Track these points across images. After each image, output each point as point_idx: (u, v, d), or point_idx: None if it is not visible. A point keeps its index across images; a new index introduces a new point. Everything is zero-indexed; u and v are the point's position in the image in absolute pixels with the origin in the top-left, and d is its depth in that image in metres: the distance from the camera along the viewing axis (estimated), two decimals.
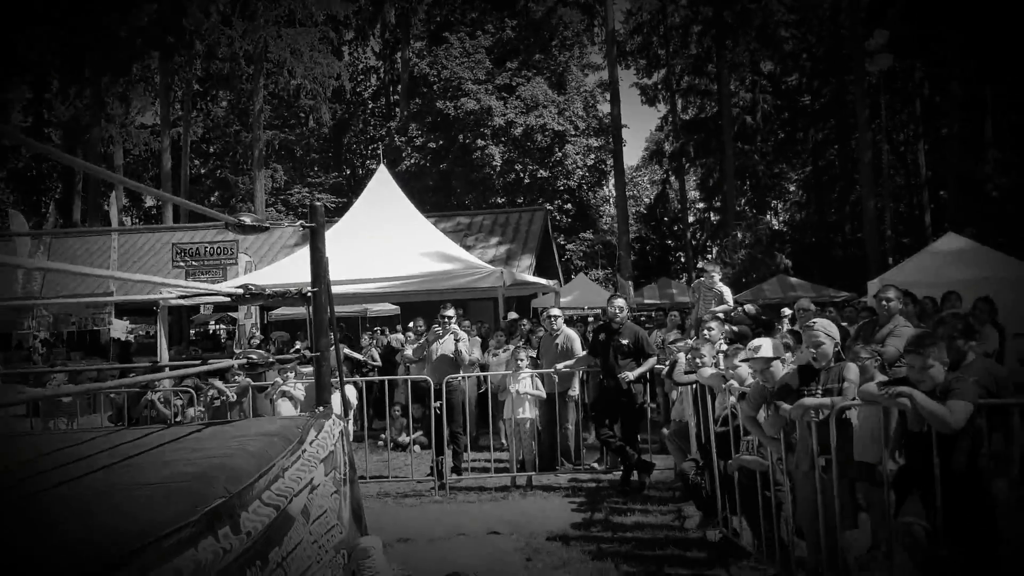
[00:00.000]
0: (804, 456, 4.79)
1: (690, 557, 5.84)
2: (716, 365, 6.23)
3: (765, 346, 5.22)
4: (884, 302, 6.59)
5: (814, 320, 4.90)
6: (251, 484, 4.22)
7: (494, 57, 33.49)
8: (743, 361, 5.43)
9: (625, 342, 8.09)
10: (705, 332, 6.82)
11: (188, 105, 38.97)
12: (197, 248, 24.11)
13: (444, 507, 7.77)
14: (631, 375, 7.90)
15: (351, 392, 8.70)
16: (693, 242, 43.82)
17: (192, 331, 28.60)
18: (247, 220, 5.57)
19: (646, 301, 26.91)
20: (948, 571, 4.17)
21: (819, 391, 4.72)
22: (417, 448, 10.45)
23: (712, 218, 44.00)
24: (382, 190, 15.36)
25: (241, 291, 5.84)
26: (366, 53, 44.46)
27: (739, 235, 33.43)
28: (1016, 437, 4.27)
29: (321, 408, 6.32)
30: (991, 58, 29.82)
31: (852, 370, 4.60)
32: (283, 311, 21.15)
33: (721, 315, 8.28)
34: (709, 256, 39.77)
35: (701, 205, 45.47)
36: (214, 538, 3.54)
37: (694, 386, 6.47)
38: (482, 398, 10.58)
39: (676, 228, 44.96)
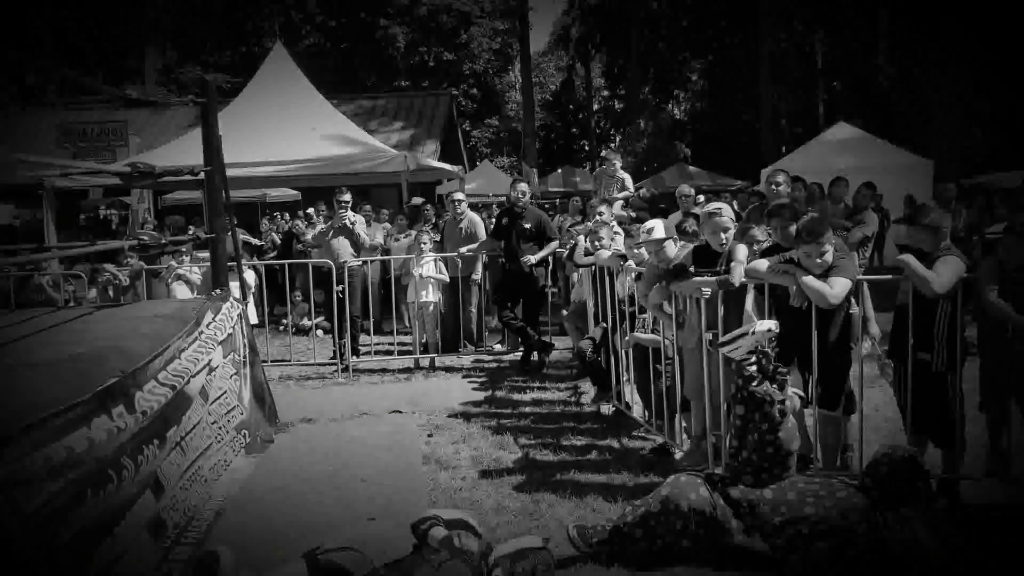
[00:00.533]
0: (691, 333, 5.00)
1: (585, 428, 6.10)
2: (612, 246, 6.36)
3: (657, 228, 5.36)
4: (773, 186, 6.80)
5: (717, 206, 5.01)
6: (145, 365, 4.18)
7: None
8: (638, 245, 5.55)
9: (528, 226, 8.15)
10: (596, 216, 6.93)
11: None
12: (84, 128, 22.70)
13: (347, 389, 7.84)
14: (533, 258, 8.00)
15: (249, 276, 8.57)
16: (597, 130, 43.87)
17: (82, 216, 27.30)
18: (134, 94, 5.30)
19: (550, 189, 27.02)
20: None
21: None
22: (319, 333, 10.44)
23: (616, 106, 43.97)
24: (279, 70, 14.71)
25: (129, 169, 5.63)
26: None
27: (642, 124, 33.66)
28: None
29: (218, 291, 6.24)
30: None
31: (741, 250, 4.76)
32: (178, 195, 20.39)
33: (621, 200, 8.41)
34: (612, 145, 39.93)
35: (606, 93, 45.32)
36: (108, 417, 3.52)
37: (593, 268, 6.61)
38: (386, 283, 10.58)
39: (581, 116, 44.83)
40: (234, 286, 6.59)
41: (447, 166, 15.65)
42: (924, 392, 4.38)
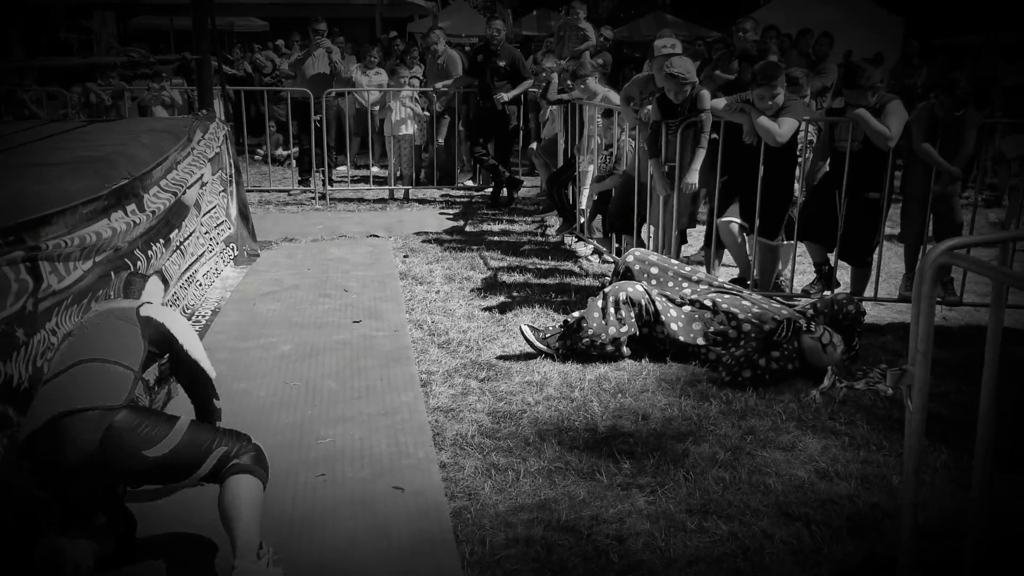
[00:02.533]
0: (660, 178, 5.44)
1: (548, 253, 6.62)
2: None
3: (677, 43, 5.60)
4: (741, 33, 7.07)
5: (674, 66, 5.25)
6: (150, 170, 4.55)
7: None
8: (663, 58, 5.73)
9: (502, 64, 8.34)
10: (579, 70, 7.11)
11: None
12: None
13: (325, 214, 8.24)
14: (506, 96, 8.26)
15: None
16: None
17: (42, 38, 26.36)
18: None
19: (524, 31, 26.59)
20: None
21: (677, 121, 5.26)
22: (295, 163, 10.68)
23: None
24: None
25: (127, 56, 5.75)
26: None
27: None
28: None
29: (204, 111, 6.50)
30: None
31: (704, 98, 5.13)
32: (141, 20, 19.90)
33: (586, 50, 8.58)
34: None
35: None
36: (123, 212, 3.93)
37: (565, 105, 6.93)
38: (360, 116, 10.77)
39: None
40: (217, 106, 6.84)
41: (420, 1, 15.50)
42: (858, 224, 4.89)
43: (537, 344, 4.34)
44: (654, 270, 4.52)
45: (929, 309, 1.76)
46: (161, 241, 4.47)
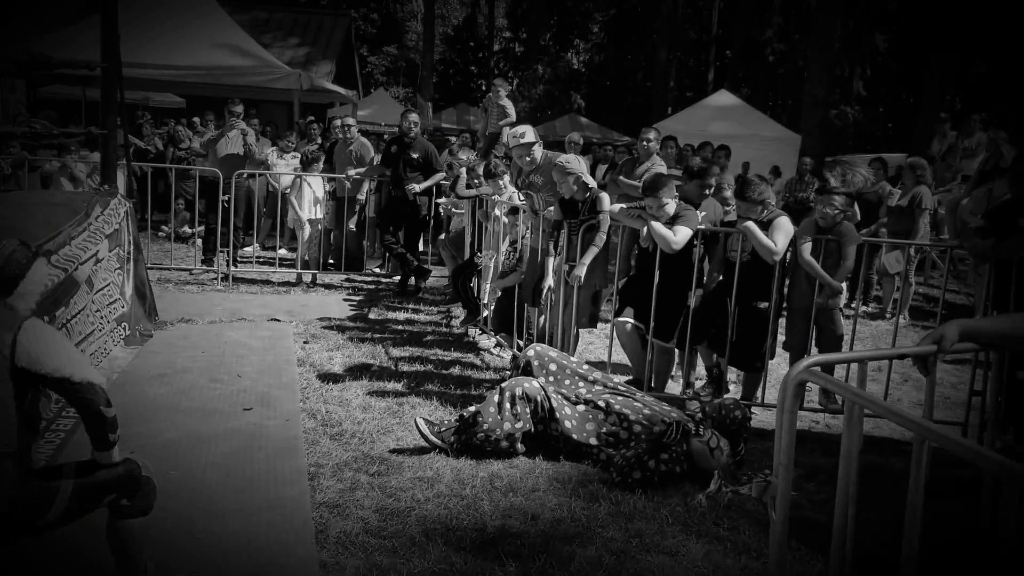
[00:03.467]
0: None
1: (451, 345, 6.62)
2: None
3: (528, 133, 5.82)
4: (644, 142, 7.40)
5: (563, 160, 5.46)
6: (40, 245, 4.41)
7: None
8: (513, 148, 5.96)
9: (415, 156, 8.46)
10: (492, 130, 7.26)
11: None
12: None
13: (226, 296, 8.08)
14: (417, 187, 8.37)
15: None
16: (496, 71, 43.88)
17: None
18: None
19: (443, 124, 27.13)
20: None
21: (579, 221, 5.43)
22: (199, 242, 10.51)
23: (517, 49, 44.07)
24: None
25: (27, 57, 5.68)
26: None
27: (540, 69, 34.03)
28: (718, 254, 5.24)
29: (106, 186, 6.39)
30: None
31: (604, 200, 5.32)
32: (54, 89, 19.50)
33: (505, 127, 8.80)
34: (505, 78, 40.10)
35: (508, 34, 45.27)
36: None
37: (473, 200, 7.07)
38: (272, 198, 10.73)
39: (481, 55, 44.67)
40: (121, 181, 6.72)
41: (341, 89, 15.69)
42: (747, 332, 5.07)
43: (431, 438, 4.31)
44: (552, 367, 4.58)
45: (791, 422, 1.84)
46: (46, 319, 4.31)
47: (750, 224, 4.93)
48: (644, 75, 39.14)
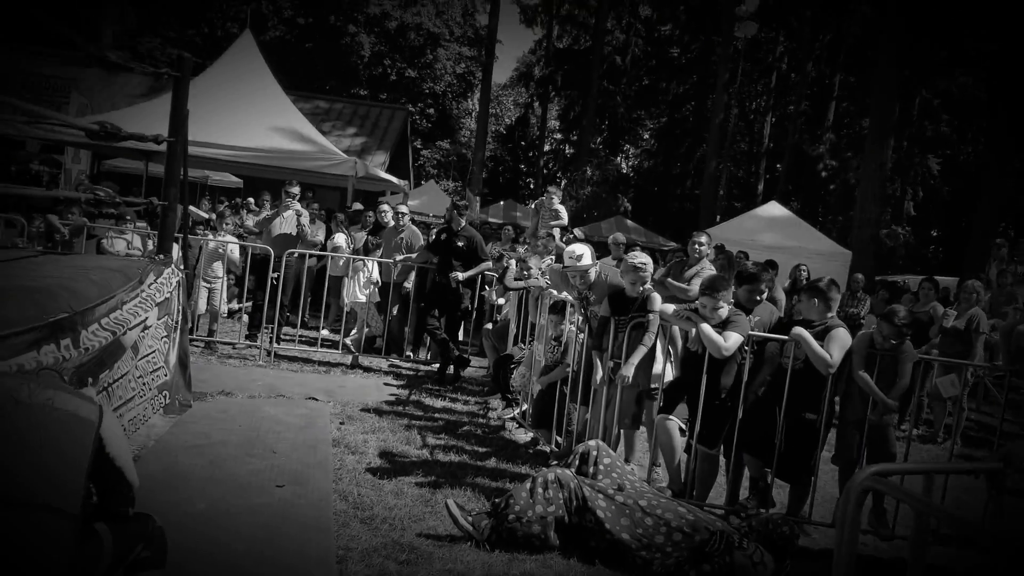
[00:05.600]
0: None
1: (488, 438, 6.51)
2: (541, 275, 6.84)
3: (586, 256, 5.82)
4: (696, 246, 7.38)
5: (642, 261, 5.45)
6: (93, 307, 4.47)
7: None
8: (567, 268, 5.95)
9: (460, 244, 8.50)
10: (539, 244, 7.37)
11: None
12: (29, 79, 22.48)
13: (267, 372, 8.10)
14: (461, 275, 8.37)
15: (234, 251, 8.82)
16: (545, 170, 44.69)
17: (13, 168, 26.62)
18: (112, 56, 5.58)
19: (490, 219, 27.51)
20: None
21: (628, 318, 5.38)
22: (245, 318, 10.62)
23: (567, 151, 44.95)
24: (244, 56, 14.93)
25: (97, 127, 5.87)
26: None
27: (589, 171, 34.54)
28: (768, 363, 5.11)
29: (162, 256, 6.49)
30: (839, 47, 32.07)
31: (655, 300, 5.28)
32: (117, 163, 20.22)
33: (556, 231, 8.86)
34: (558, 182, 40.80)
35: (559, 136, 46.26)
36: (55, 345, 3.82)
37: (520, 292, 7.06)
38: (319, 281, 10.87)
39: (532, 154, 45.62)
40: (176, 252, 6.83)
41: (394, 179, 16.03)
42: (796, 443, 4.91)
43: (462, 522, 4.20)
44: (606, 460, 4.48)
45: (852, 534, 1.73)
46: (90, 380, 4.33)
47: (804, 332, 4.84)
48: (693, 182, 39.62)
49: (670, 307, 5.13)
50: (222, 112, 12.73)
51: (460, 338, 9.14)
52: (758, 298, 5.29)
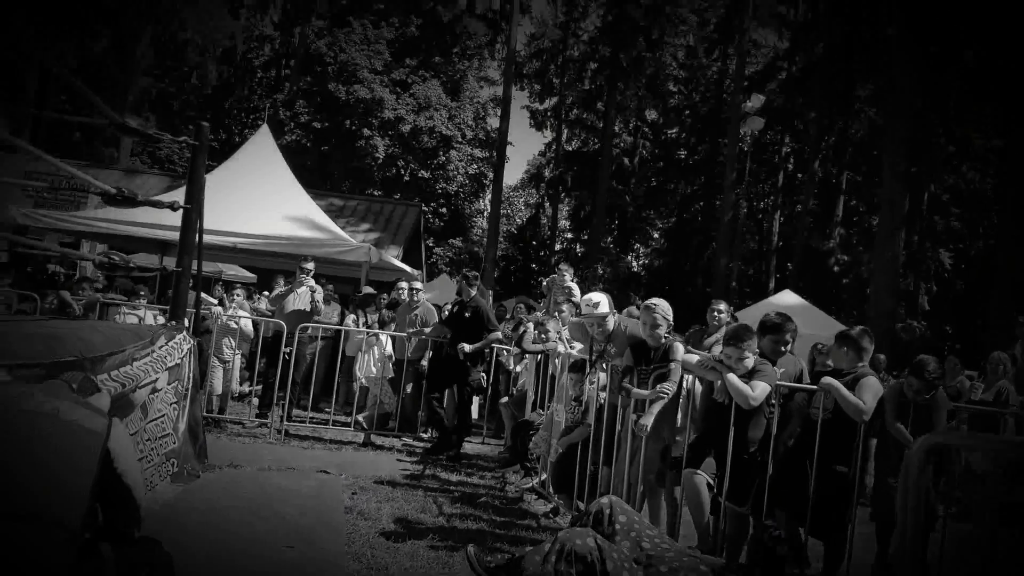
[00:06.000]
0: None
1: (506, 508, 6.26)
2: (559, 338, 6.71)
3: (603, 304, 5.70)
4: (716, 313, 7.27)
5: (655, 302, 5.37)
6: (103, 356, 4.37)
7: (394, 51, 33.51)
8: (585, 317, 5.82)
9: (468, 315, 8.37)
10: (555, 312, 7.27)
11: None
12: (51, 179, 22.98)
13: (277, 447, 7.90)
14: (468, 347, 8.18)
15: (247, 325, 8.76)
16: (556, 270, 44.91)
17: (28, 268, 26.98)
18: (132, 123, 5.66)
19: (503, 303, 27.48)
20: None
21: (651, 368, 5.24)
22: (255, 400, 10.45)
23: (578, 249, 45.31)
24: (261, 150, 15.23)
25: (114, 191, 5.91)
26: (264, 22, 43.44)
27: (600, 269, 34.77)
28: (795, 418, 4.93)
29: (174, 322, 6.42)
30: (844, 146, 32.67)
31: (678, 349, 5.14)
32: (132, 259, 20.40)
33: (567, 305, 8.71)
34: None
35: (569, 235, 46.75)
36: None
37: (538, 357, 6.92)
38: (331, 362, 10.75)
39: (543, 253, 45.98)
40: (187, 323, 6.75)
41: (407, 267, 16.07)
42: (828, 497, 4.68)
43: (476, 567, 3.98)
44: (623, 519, 4.24)
45: (917, 499, 1.57)
46: None
47: (834, 381, 4.67)
48: (703, 280, 39.73)
49: (694, 357, 4.99)
50: (238, 202, 12.86)
51: (475, 417, 8.93)
52: (783, 349, 5.14)
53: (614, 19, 35.80)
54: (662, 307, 5.30)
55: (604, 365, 5.60)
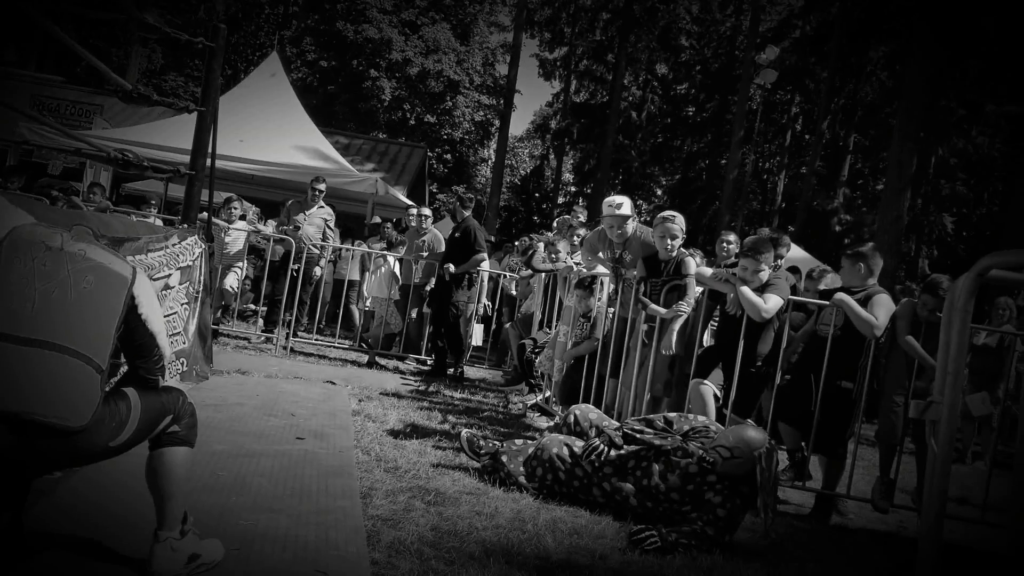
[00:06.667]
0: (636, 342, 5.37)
1: (510, 419, 6.34)
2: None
3: (625, 205, 5.68)
4: (725, 244, 7.25)
5: (673, 213, 5.36)
6: (120, 238, 4.37)
7: None
8: (606, 216, 5.78)
9: (457, 235, 8.32)
10: (568, 229, 7.24)
11: None
12: (57, 104, 22.84)
13: (283, 360, 7.96)
14: (452, 268, 8.07)
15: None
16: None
17: (31, 196, 26.83)
18: (150, 19, 5.59)
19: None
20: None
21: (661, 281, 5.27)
22: (260, 322, 10.49)
23: (581, 203, 45.19)
24: (270, 77, 15.10)
25: (120, 156, 5.84)
26: None
27: (602, 224, 34.67)
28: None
29: (185, 225, 6.41)
30: (854, 108, 32.42)
31: (690, 264, 5.17)
32: (137, 186, 20.34)
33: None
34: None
35: (573, 188, 46.60)
36: None
37: (545, 277, 6.95)
38: (336, 288, 10.80)
39: (545, 206, 45.88)
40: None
41: (411, 203, 15.99)
42: (832, 414, 4.74)
43: (466, 449, 4.32)
44: (592, 415, 4.34)
45: (963, 321, 1.59)
46: None
47: (847, 297, 4.70)
48: (705, 239, 39.69)
49: (708, 270, 5.01)
50: (246, 127, 12.77)
51: (479, 344, 8.96)
52: (778, 263, 5.15)
53: None
54: (679, 219, 5.32)
55: (622, 271, 5.62)
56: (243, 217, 10.19)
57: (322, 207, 9.23)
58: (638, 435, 3.98)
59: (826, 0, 33.50)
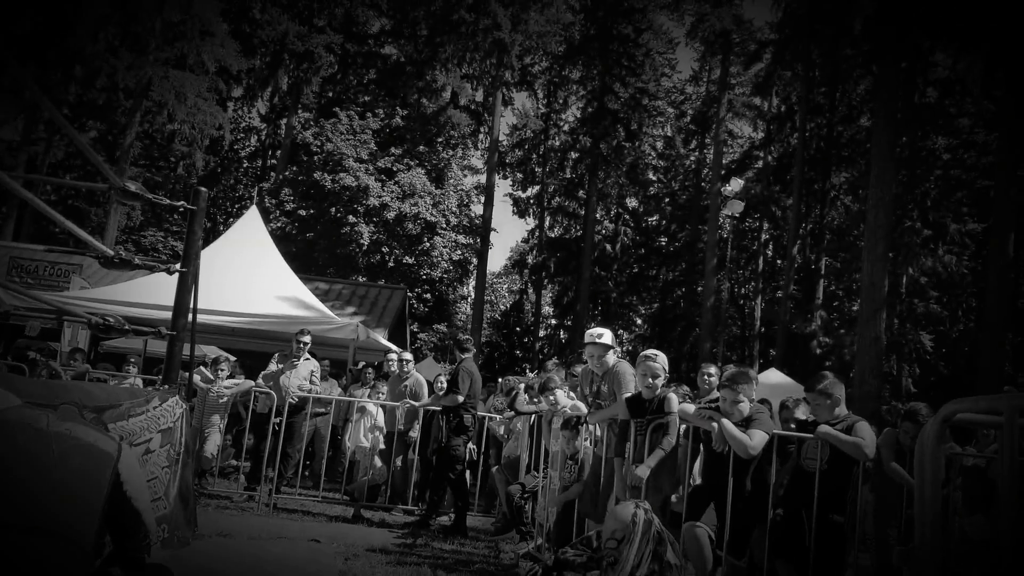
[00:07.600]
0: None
1: (501, 571, 6.15)
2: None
3: (606, 335, 5.72)
4: (706, 377, 7.31)
5: (655, 352, 5.42)
6: (101, 407, 4.37)
7: (379, 140, 34.17)
8: (587, 345, 5.82)
9: (448, 378, 8.32)
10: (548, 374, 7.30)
11: (53, 127, 37.44)
12: (35, 266, 23.02)
13: (266, 519, 7.76)
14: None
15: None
16: (540, 355, 44.92)
17: (9, 357, 26.64)
18: (132, 187, 5.74)
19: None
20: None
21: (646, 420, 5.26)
22: (243, 479, 10.27)
23: (562, 336, 45.43)
24: (249, 230, 15.35)
25: (111, 253, 5.95)
26: (251, 113, 44.31)
27: (584, 356, 34.78)
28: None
29: (167, 386, 6.38)
30: (822, 232, 33.36)
31: (673, 401, 5.18)
32: (115, 344, 20.26)
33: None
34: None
35: (553, 321, 46.93)
36: None
37: (531, 419, 6.91)
38: (320, 438, 10.66)
39: (527, 340, 46.10)
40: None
41: (393, 346, 16.03)
42: (826, 548, 4.66)
43: None
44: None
45: (934, 469, 1.61)
46: None
47: (830, 429, 4.71)
48: (688, 366, 39.81)
49: (691, 407, 5.02)
50: (225, 280, 12.88)
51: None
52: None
53: (594, 111, 36.88)
54: (660, 359, 5.37)
55: (600, 402, 5.62)
56: (231, 376, 10.13)
57: (308, 359, 9.21)
58: (569, 558, 3.90)
59: (785, 131, 35.06)
